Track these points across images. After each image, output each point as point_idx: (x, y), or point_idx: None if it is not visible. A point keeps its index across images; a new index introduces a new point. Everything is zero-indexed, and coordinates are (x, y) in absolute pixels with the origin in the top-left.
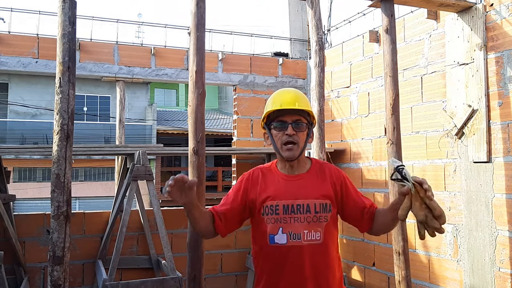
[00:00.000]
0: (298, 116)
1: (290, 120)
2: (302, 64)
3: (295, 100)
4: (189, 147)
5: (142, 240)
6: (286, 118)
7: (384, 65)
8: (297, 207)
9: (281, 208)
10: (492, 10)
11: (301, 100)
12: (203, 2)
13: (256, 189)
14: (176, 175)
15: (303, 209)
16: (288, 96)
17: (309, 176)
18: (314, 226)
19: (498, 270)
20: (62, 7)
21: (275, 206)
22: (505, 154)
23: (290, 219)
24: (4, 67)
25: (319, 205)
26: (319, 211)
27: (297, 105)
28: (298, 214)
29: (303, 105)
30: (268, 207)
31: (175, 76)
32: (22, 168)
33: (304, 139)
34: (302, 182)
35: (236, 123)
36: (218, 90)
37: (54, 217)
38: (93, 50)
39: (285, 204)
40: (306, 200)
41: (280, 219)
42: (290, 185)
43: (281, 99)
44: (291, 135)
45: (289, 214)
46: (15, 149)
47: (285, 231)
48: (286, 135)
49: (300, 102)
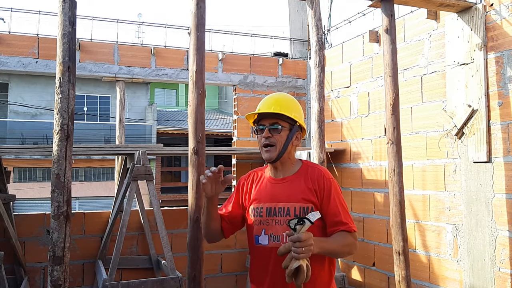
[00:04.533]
0: (275, 119)
1: (267, 124)
2: (302, 64)
3: (272, 104)
4: (189, 147)
5: (142, 240)
6: (264, 122)
7: (384, 65)
8: (278, 210)
9: (265, 211)
10: (492, 10)
11: (280, 104)
12: (203, 2)
13: (248, 191)
14: (216, 167)
15: (283, 212)
16: (269, 101)
17: (293, 179)
18: None
19: (498, 270)
20: (62, 7)
21: (260, 208)
22: (505, 154)
23: (272, 221)
24: (4, 67)
25: (299, 208)
26: (299, 214)
27: (272, 108)
28: (279, 217)
29: (279, 108)
30: (254, 209)
31: (175, 76)
32: (22, 168)
33: (283, 141)
34: (285, 185)
35: (236, 123)
36: (218, 90)
37: (54, 217)
38: (93, 50)
39: (268, 207)
40: (287, 203)
41: (263, 221)
42: (273, 188)
43: (262, 104)
44: (267, 137)
45: (271, 217)
46: (15, 149)
47: (267, 233)
48: (263, 138)
49: (278, 106)
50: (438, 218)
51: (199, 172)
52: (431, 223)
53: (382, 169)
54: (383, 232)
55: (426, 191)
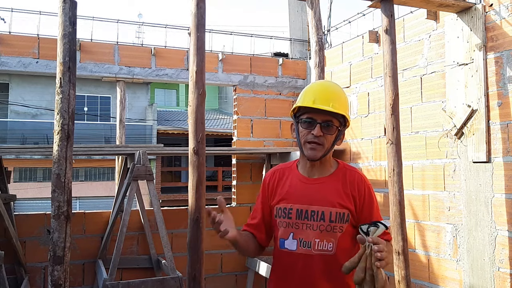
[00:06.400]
0: (329, 117)
1: (320, 120)
2: (302, 64)
3: (330, 100)
4: (189, 147)
5: (142, 240)
6: (316, 117)
7: (383, 65)
8: (311, 213)
9: (294, 212)
10: (491, 11)
11: (337, 100)
12: (203, 3)
13: (274, 190)
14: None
15: (317, 216)
16: (324, 93)
17: (330, 180)
18: (327, 235)
19: (498, 270)
20: (62, 7)
21: (289, 209)
22: (505, 154)
23: (303, 225)
24: (5, 67)
25: (335, 213)
26: (335, 220)
27: (331, 105)
28: (312, 221)
29: (338, 106)
30: (281, 210)
31: (175, 76)
32: (22, 168)
33: (332, 141)
34: (320, 187)
35: (236, 123)
36: (218, 90)
37: (55, 217)
38: (94, 50)
39: (299, 209)
40: (321, 207)
41: (292, 224)
42: (307, 189)
43: (315, 95)
44: (318, 136)
45: (302, 220)
46: (16, 149)
47: (296, 237)
48: (312, 135)
49: (336, 103)
50: (438, 218)
51: (199, 172)
52: (430, 223)
53: (382, 169)
54: None
55: (425, 191)
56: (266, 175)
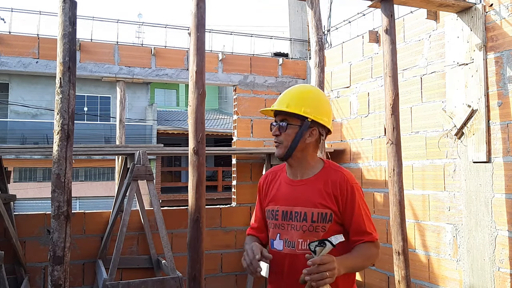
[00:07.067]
0: (284, 116)
1: (278, 120)
2: (302, 64)
3: (288, 100)
4: (189, 147)
5: (142, 240)
6: (276, 118)
7: (383, 65)
8: (294, 214)
9: (280, 214)
10: (491, 11)
11: (294, 99)
12: (203, 3)
13: (266, 193)
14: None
15: (300, 217)
16: (286, 95)
17: (312, 181)
18: (310, 235)
19: (498, 270)
20: (62, 7)
21: (275, 211)
22: (505, 154)
23: (287, 226)
24: (5, 67)
25: (317, 214)
26: (316, 220)
27: (286, 106)
28: (295, 222)
29: (286, 105)
30: (269, 211)
31: (175, 76)
32: (22, 168)
33: (291, 139)
34: (303, 188)
35: (236, 123)
36: (218, 90)
37: (55, 217)
38: (94, 50)
39: (284, 210)
40: (304, 208)
41: (279, 225)
42: (290, 190)
43: (279, 98)
44: (275, 135)
45: (287, 221)
46: (16, 149)
47: (282, 238)
48: (274, 135)
49: (286, 102)
50: (438, 218)
51: (199, 172)
52: (430, 223)
53: (382, 169)
54: (383, 232)
55: (425, 191)
56: (261, 178)
